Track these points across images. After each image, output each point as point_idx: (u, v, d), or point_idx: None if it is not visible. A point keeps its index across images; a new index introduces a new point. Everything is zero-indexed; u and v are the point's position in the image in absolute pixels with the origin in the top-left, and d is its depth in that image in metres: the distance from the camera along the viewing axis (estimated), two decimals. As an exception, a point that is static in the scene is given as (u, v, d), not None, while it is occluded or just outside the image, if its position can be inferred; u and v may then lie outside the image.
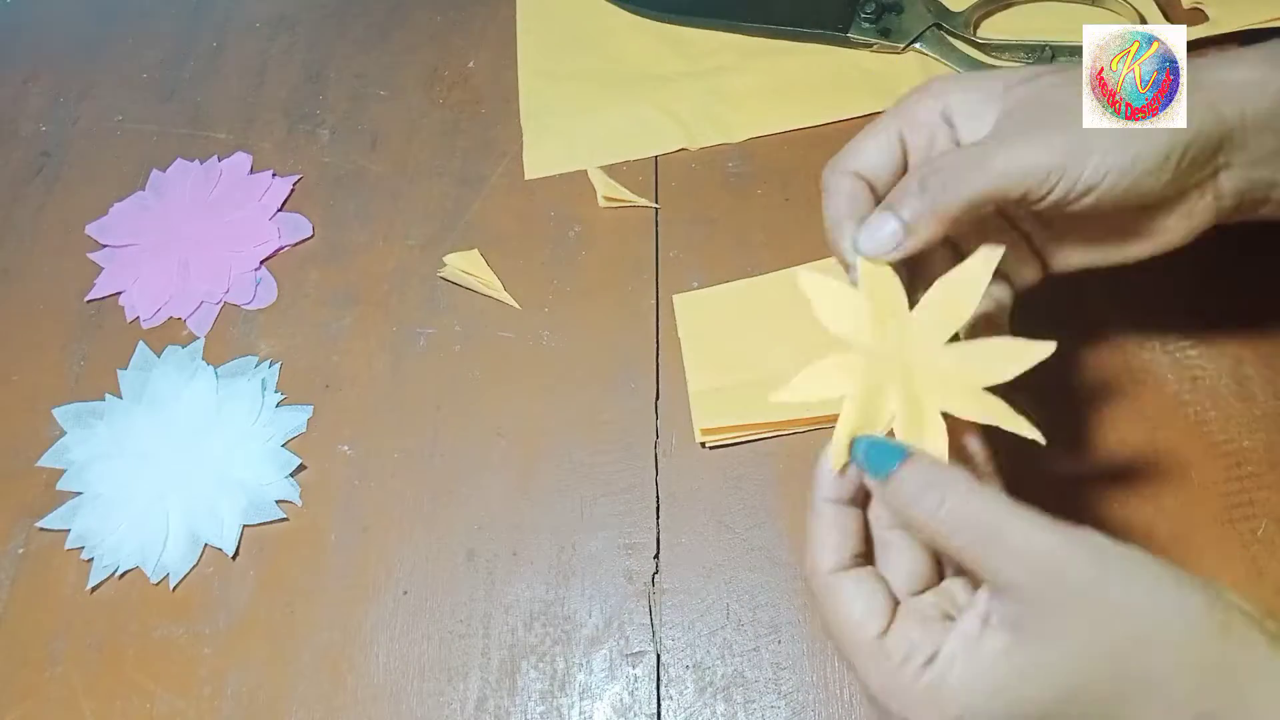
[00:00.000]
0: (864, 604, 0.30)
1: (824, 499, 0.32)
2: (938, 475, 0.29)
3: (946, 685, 0.27)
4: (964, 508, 0.28)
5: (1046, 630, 0.27)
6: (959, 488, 0.29)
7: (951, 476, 0.29)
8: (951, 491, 0.29)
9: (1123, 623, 0.26)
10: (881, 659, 0.29)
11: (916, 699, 0.28)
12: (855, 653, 0.29)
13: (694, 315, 0.49)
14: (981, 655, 0.27)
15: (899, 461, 0.30)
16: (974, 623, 0.28)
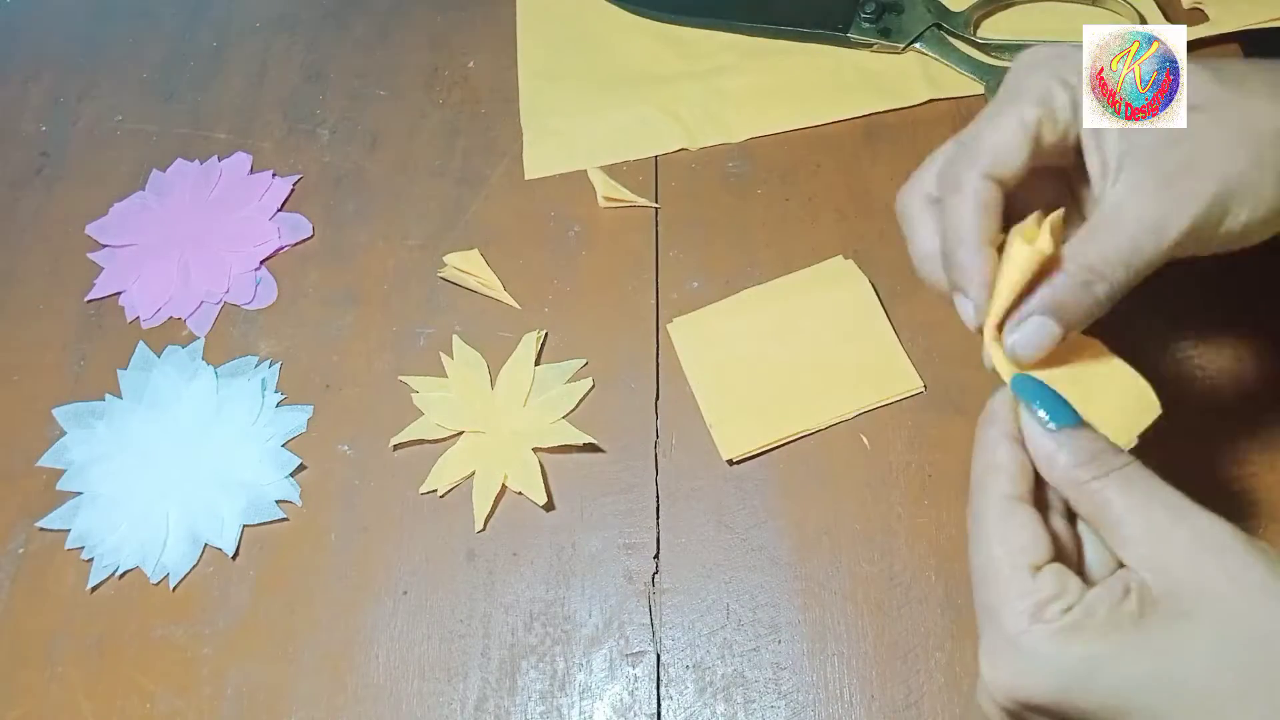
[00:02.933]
0: (1031, 535, 0.28)
1: (1002, 433, 0.31)
2: (1103, 446, 0.29)
3: (1082, 631, 0.27)
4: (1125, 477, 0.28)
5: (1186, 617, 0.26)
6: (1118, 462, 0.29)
7: (1114, 453, 0.29)
8: (1111, 464, 0.29)
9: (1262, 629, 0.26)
10: (1026, 592, 0.28)
11: (1049, 638, 0.27)
12: (995, 580, 0.28)
13: (692, 340, 0.49)
14: (1120, 617, 0.27)
15: (1074, 423, 0.30)
16: (1118, 586, 0.28)
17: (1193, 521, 0.27)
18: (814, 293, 0.49)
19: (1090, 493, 0.28)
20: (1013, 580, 0.28)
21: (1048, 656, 0.27)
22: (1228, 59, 0.34)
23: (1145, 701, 0.26)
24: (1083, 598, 0.27)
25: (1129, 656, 0.26)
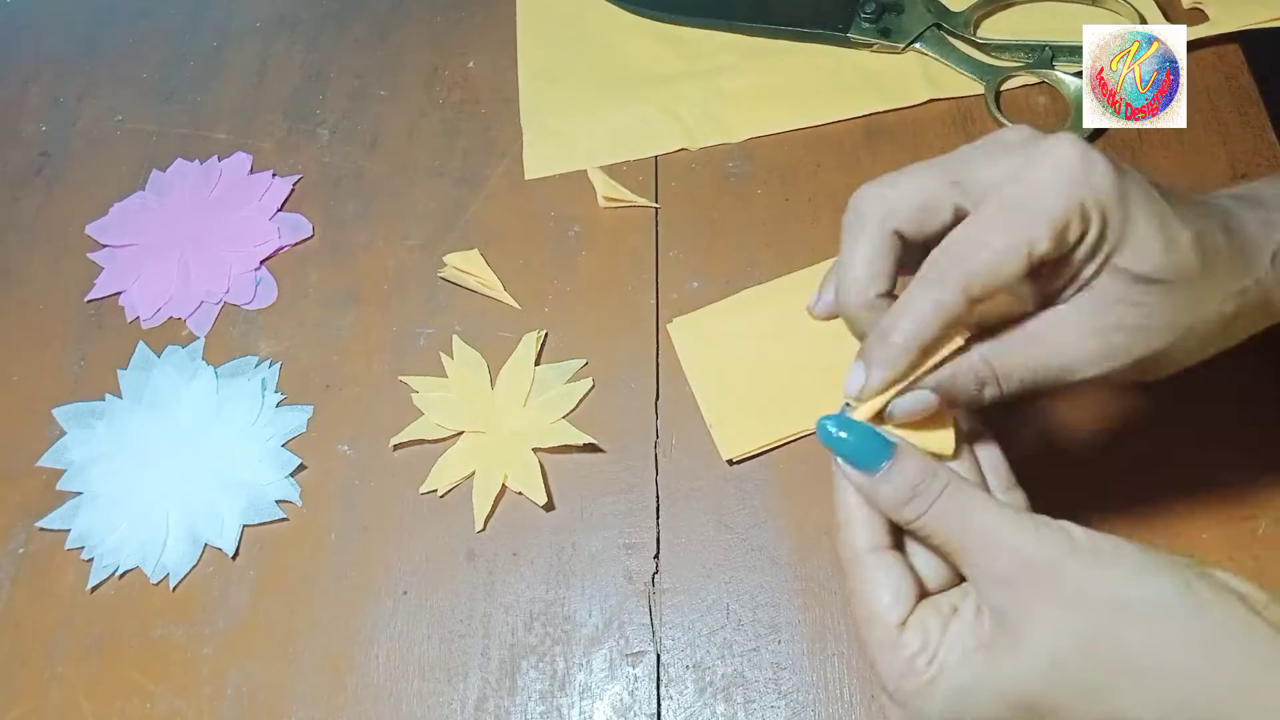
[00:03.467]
0: (890, 592, 0.30)
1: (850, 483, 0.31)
2: (919, 476, 0.29)
3: (943, 673, 0.28)
4: (944, 505, 0.29)
5: (1026, 620, 0.27)
6: (937, 488, 0.29)
7: (932, 479, 0.29)
8: (931, 494, 0.29)
9: (1096, 612, 0.27)
10: (898, 650, 0.29)
11: (919, 689, 0.28)
12: (874, 640, 0.30)
13: (691, 340, 0.49)
14: (971, 645, 0.28)
15: (886, 459, 0.30)
16: (969, 611, 0.29)
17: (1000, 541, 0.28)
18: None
19: (918, 528, 0.29)
20: (883, 641, 0.29)
21: (921, 708, 0.29)
22: None
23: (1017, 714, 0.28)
24: (944, 638, 0.29)
25: (987, 684, 0.28)
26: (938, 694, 0.28)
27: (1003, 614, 0.28)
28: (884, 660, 0.29)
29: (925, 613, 0.30)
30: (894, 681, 0.29)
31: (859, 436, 0.31)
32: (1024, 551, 0.28)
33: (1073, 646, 0.27)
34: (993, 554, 0.28)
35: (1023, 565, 0.28)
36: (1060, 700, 0.27)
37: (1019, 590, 0.28)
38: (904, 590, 0.30)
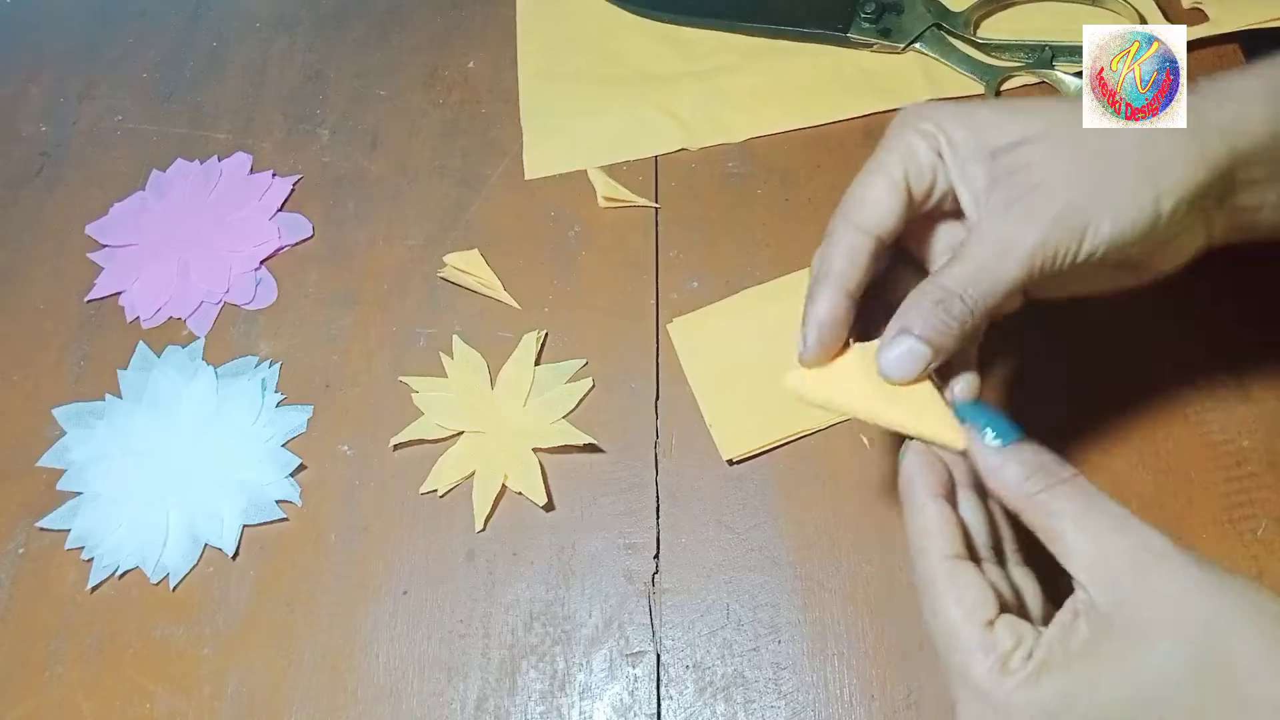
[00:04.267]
0: (977, 592, 0.30)
1: (928, 495, 0.32)
2: (1049, 460, 0.31)
3: (1048, 673, 0.28)
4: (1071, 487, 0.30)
5: (1137, 631, 0.27)
6: (1064, 474, 0.30)
7: (1060, 465, 0.30)
8: (1058, 476, 0.30)
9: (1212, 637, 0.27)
10: (991, 648, 0.29)
11: (1019, 688, 0.28)
12: (956, 643, 0.29)
13: (691, 341, 0.49)
14: (1073, 648, 0.28)
15: (1016, 440, 0.31)
16: (1067, 613, 0.29)
17: (1132, 529, 0.28)
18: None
19: (1038, 504, 0.30)
20: (974, 638, 0.29)
21: (1022, 705, 0.28)
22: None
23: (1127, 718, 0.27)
24: (1040, 639, 0.29)
25: (1096, 683, 0.27)
26: (1041, 694, 0.28)
27: (1110, 620, 0.28)
28: (973, 660, 0.29)
29: (1012, 618, 0.29)
30: (988, 683, 0.28)
31: (997, 415, 0.32)
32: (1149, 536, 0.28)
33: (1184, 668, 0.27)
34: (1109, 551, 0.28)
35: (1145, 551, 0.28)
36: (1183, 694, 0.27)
37: (1131, 595, 0.28)
38: (990, 594, 0.30)
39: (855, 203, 0.35)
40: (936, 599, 0.30)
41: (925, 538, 0.31)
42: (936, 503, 0.32)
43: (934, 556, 0.31)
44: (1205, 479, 0.42)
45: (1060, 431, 0.44)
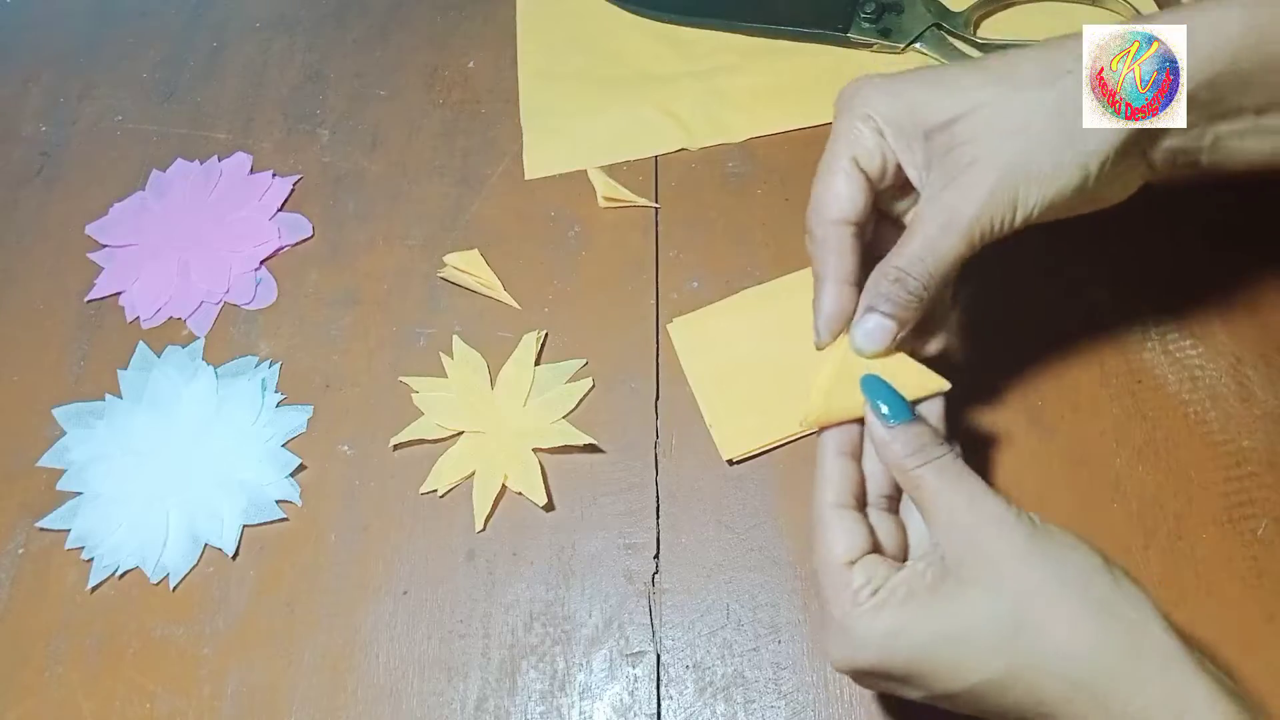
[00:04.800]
0: (846, 538, 0.35)
1: (833, 451, 0.37)
2: (927, 440, 0.35)
3: (885, 608, 0.33)
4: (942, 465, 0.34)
5: (974, 575, 0.32)
6: (937, 453, 0.35)
7: (936, 445, 0.35)
8: (931, 455, 0.35)
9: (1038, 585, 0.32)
10: (844, 584, 0.34)
11: (860, 617, 0.33)
12: (825, 576, 0.34)
13: (691, 340, 0.49)
14: (916, 588, 0.33)
15: (905, 421, 0.36)
16: (919, 564, 0.34)
17: (980, 502, 0.33)
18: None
19: (913, 477, 0.35)
20: (834, 575, 0.34)
21: (862, 633, 0.33)
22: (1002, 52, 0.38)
23: (938, 656, 0.32)
24: (888, 580, 0.33)
25: (921, 623, 0.32)
26: (878, 624, 0.33)
27: (954, 566, 0.33)
28: (833, 595, 0.34)
29: (873, 560, 0.34)
30: (840, 611, 0.33)
31: (887, 391, 0.36)
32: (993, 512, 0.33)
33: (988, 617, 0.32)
34: (957, 518, 0.33)
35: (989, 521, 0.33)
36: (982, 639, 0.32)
37: (969, 554, 0.33)
38: (857, 540, 0.35)
39: (822, 201, 0.38)
40: (816, 539, 0.35)
41: (819, 486, 0.36)
42: (837, 458, 0.37)
43: (821, 502, 0.36)
44: (1205, 479, 0.42)
45: (1056, 431, 0.44)
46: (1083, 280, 0.47)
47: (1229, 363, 0.45)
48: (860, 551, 0.34)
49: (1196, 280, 0.46)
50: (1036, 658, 0.31)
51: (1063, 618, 0.31)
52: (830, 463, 0.37)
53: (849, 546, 0.34)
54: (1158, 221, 0.45)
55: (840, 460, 0.37)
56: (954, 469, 0.34)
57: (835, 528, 0.35)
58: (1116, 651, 0.30)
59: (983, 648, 0.32)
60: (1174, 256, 0.47)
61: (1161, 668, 0.30)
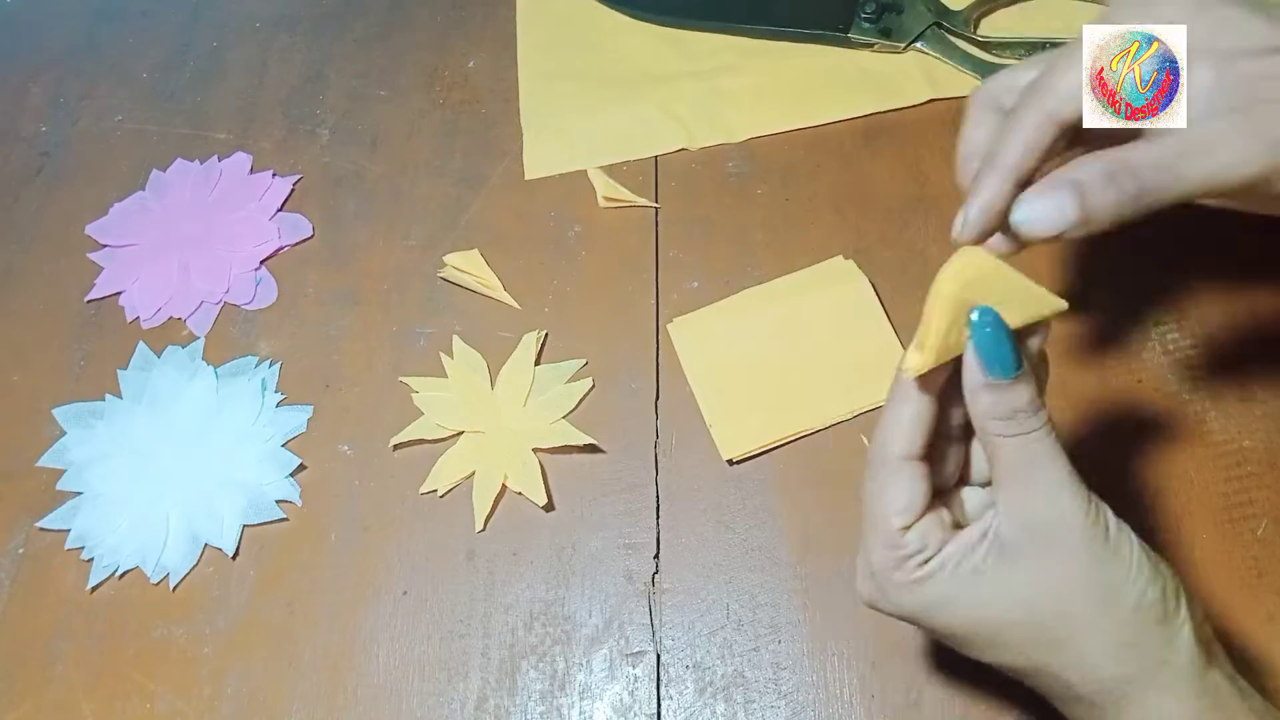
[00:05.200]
0: (905, 498, 0.32)
1: (907, 393, 0.32)
2: (1022, 406, 0.31)
3: (931, 580, 0.32)
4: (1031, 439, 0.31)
5: (1030, 564, 0.31)
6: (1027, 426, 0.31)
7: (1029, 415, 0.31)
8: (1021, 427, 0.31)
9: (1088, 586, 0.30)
10: (897, 548, 0.32)
11: (904, 585, 0.32)
12: (878, 535, 0.32)
13: (692, 340, 0.49)
14: (966, 566, 0.31)
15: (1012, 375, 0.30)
16: (975, 534, 0.32)
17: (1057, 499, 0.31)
18: (814, 293, 0.49)
19: (994, 443, 0.31)
20: (888, 534, 0.32)
21: (902, 598, 0.32)
22: None
23: (972, 634, 0.32)
24: (940, 551, 0.32)
25: (961, 601, 0.31)
26: (920, 594, 0.32)
27: (1010, 552, 0.31)
28: (880, 552, 0.32)
29: (930, 522, 0.32)
30: (884, 572, 0.32)
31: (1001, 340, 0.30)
32: (1069, 512, 0.30)
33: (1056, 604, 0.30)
34: (1044, 499, 0.31)
35: (1061, 522, 0.30)
36: (1015, 634, 0.31)
37: (1045, 540, 0.30)
38: (917, 500, 0.32)
39: (1049, 90, 0.32)
40: (876, 488, 0.32)
41: (891, 430, 0.32)
42: (918, 399, 0.32)
43: (890, 451, 0.32)
44: (1205, 479, 0.42)
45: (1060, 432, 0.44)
46: (1083, 280, 0.47)
47: (1229, 363, 0.45)
48: (918, 513, 0.32)
49: (1197, 280, 0.46)
50: (1057, 668, 0.31)
51: (1095, 649, 0.30)
52: (910, 406, 0.32)
53: (908, 506, 0.32)
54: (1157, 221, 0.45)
55: (918, 402, 0.32)
56: (1040, 449, 0.31)
57: (896, 485, 0.32)
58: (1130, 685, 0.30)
59: (1011, 642, 0.31)
60: (1174, 257, 0.47)
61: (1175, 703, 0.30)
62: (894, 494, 0.32)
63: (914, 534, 0.32)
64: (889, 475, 0.32)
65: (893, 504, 0.32)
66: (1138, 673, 0.30)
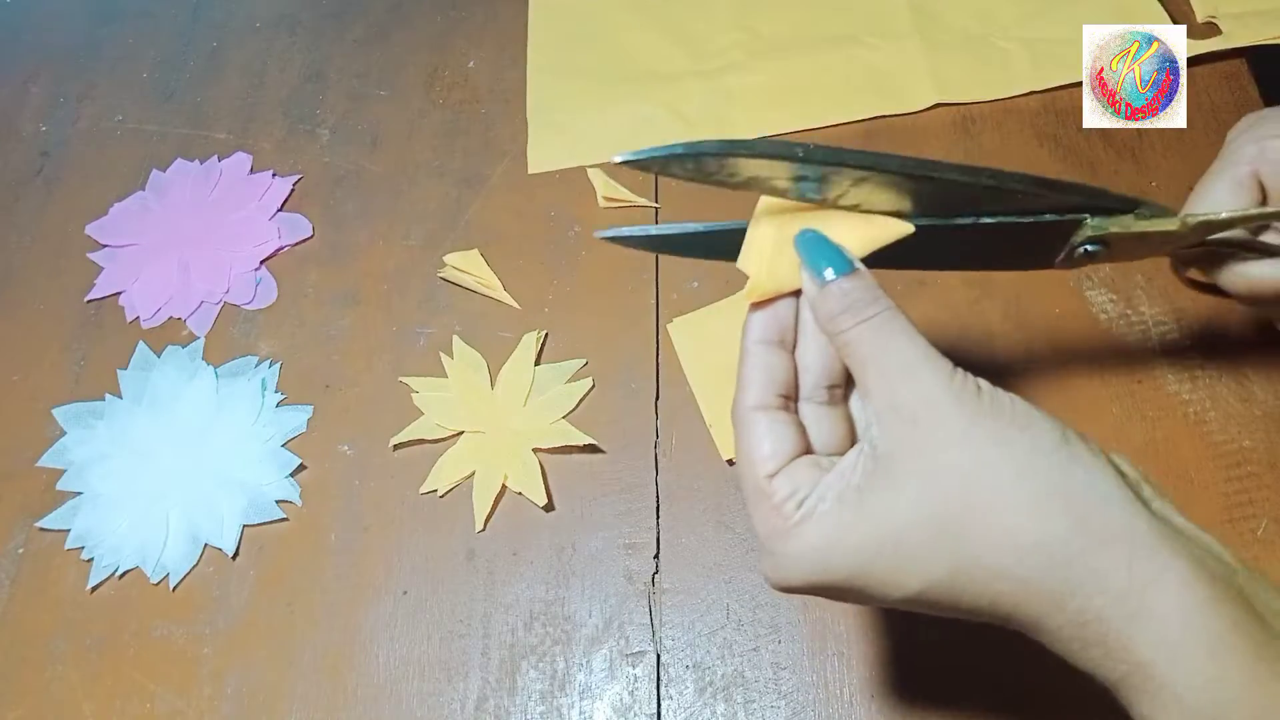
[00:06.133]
0: (770, 445, 0.30)
1: (754, 340, 0.31)
2: (862, 294, 0.30)
3: (811, 520, 0.28)
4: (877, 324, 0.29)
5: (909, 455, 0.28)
6: (872, 310, 0.29)
7: (872, 301, 0.30)
8: (866, 312, 0.29)
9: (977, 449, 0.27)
10: (765, 497, 0.29)
11: (787, 535, 0.29)
12: (746, 490, 0.30)
13: (691, 340, 0.49)
14: (844, 487, 0.28)
15: (842, 274, 0.30)
16: (850, 456, 0.29)
17: (916, 371, 0.28)
18: None
19: (844, 342, 0.29)
20: (756, 489, 0.30)
21: (791, 552, 0.28)
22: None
23: (873, 565, 0.27)
24: (815, 487, 0.29)
25: (850, 530, 0.28)
26: (806, 539, 0.28)
27: (885, 456, 0.28)
28: (756, 510, 0.30)
29: (800, 466, 0.30)
30: (764, 528, 0.29)
31: (823, 244, 0.31)
32: (932, 385, 0.28)
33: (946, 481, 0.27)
34: (903, 380, 0.28)
35: (925, 398, 0.28)
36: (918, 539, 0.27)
37: (916, 424, 0.28)
38: (783, 445, 0.30)
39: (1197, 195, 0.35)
40: (737, 447, 0.31)
41: (740, 387, 0.31)
42: (759, 349, 0.31)
43: (740, 407, 0.31)
44: (1205, 479, 0.42)
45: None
46: (1083, 281, 0.47)
47: (1229, 363, 0.45)
48: (785, 458, 0.30)
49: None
50: (980, 556, 0.27)
51: (1005, 507, 0.26)
52: (752, 357, 0.31)
53: (772, 454, 0.30)
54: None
55: (763, 351, 0.31)
56: (890, 330, 0.29)
57: (754, 434, 0.30)
58: (1069, 543, 0.26)
59: (920, 550, 0.27)
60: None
61: (1126, 558, 0.26)
62: (752, 444, 0.30)
63: (782, 479, 0.29)
64: (746, 430, 0.30)
65: (754, 452, 0.30)
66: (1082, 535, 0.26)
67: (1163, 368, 0.45)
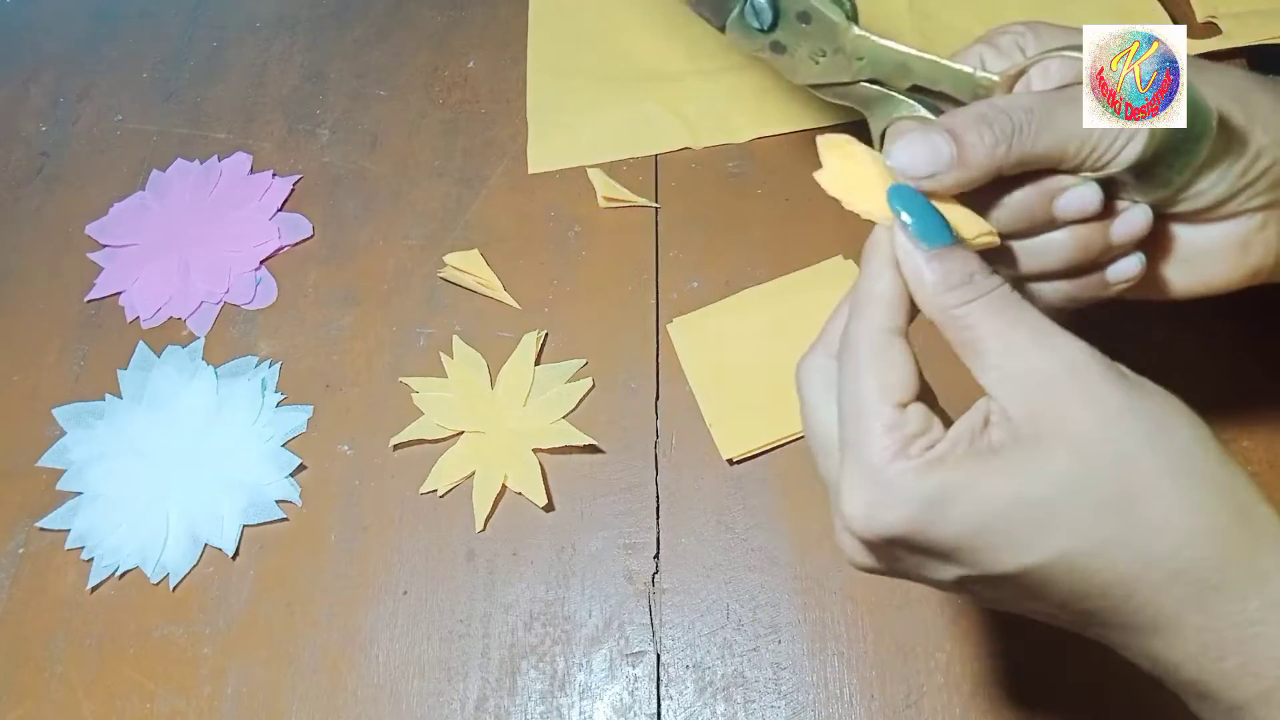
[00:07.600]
0: (902, 372, 0.28)
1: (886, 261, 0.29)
2: (976, 268, 0.28)
3: (941, 466, 0.26)
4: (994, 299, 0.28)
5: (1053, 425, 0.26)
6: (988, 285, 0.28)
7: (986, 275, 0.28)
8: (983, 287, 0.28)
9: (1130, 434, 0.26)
10: (897, 428, 0.27)
11: (908, 471, 0.27)
12: (869, 413, 0.28)
13: (692, 340, 0.49)
14: (979, 448, 0.27)
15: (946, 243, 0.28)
16: (977, 418, 0.27)
17: (1052, 345, 0.27)
18: (814, 293, 0.49)
19: (957, 318, 0.28)
20: (883, 415, 0.27)
21: (906, 488, 0.26)
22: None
23: (1006, 523, 0.26)
24: (946, 433, 0.27)
25: (984, 483, 0.26)
26: (928, 482, 0.26)
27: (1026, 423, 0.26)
28: (874, 436, 0.27)
29: (926, 409, 0.28)
30: (882, 458, 0.27)
31: (929, 211, 0.29)
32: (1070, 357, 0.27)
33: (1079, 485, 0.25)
34: (1024, 367, 0.27)
35: (1064, 369, 0.26)
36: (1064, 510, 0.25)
37: (1042, 411, 0.26)
38: (913, 379, 0.28)
39: None
40: (859, 369, 0.28)
41: (869, 303, 0.29)
42: (892, 272, 0.29)
43: (870, 325, 0.29)
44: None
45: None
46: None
47: (1229, 362, 0.45)
48: (915, 392, 0.28)
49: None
50: (1131, 540, 0.25)
51: (1168, 491, 0.25)
52: (886, 276, 0.29)
53: (904, 381, 0.28)
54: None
55: (896, 277, 0.29)
56: (1010, 301, 0.28)
57: (889, 355, 0.28)
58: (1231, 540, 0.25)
59: (1067, 517, 0.25)
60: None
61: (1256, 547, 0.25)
62: (885, 369, 0.28)
63: (915, 411, 0.27)
64: (874, 351, 0.28)
65: (885, 379, 0.28)
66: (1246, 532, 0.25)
67: (1162, 368, 0.45)
